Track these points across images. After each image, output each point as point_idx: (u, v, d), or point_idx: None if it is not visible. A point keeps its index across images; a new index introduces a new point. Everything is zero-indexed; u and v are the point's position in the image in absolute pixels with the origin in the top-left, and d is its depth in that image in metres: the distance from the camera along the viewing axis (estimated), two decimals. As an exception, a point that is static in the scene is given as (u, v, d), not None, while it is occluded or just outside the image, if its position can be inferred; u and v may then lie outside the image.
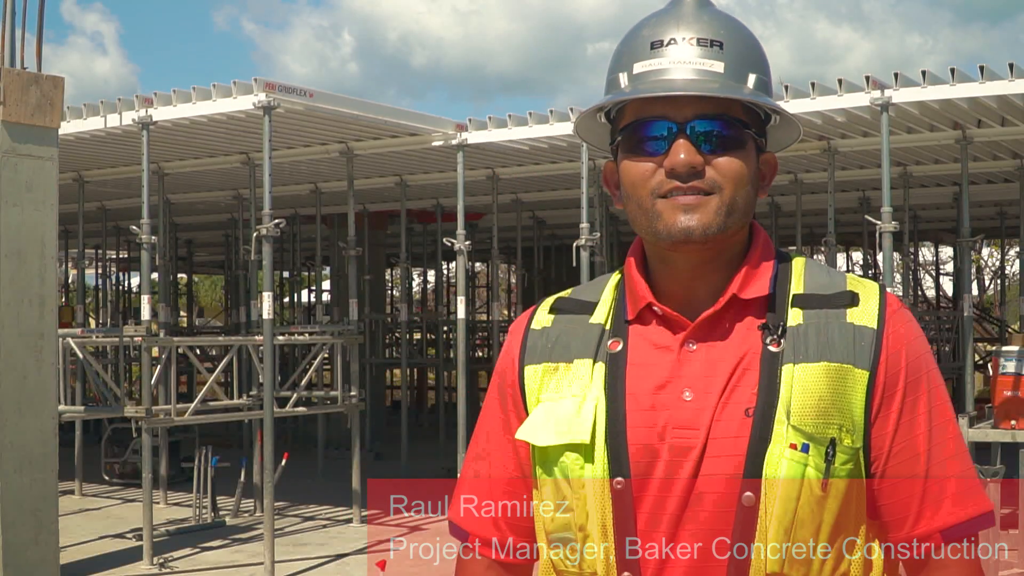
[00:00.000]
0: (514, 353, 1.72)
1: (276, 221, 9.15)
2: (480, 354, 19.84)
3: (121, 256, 21.11)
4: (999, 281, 22.15)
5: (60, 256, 17.52)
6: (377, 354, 17.58)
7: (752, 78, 1.61)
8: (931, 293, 23.47)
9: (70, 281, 21.23)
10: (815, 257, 22.85)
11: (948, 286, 22.26)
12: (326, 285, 20.52)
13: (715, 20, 1.62)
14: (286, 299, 21.84)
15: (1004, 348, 9.62)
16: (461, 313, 11.00)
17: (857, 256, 22.51)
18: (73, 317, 14.03)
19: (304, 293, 23.55)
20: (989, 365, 10.04)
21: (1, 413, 7.32)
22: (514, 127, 10.64)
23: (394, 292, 22.75)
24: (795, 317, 1.59)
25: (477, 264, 22.90)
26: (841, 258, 21.24)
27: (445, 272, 22.11)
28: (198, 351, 12.22)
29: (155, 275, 11.56)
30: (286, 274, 20.80)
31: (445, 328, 18.70)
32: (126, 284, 23.77)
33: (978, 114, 9.72)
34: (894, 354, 1.58)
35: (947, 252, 21.63)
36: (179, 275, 22.59)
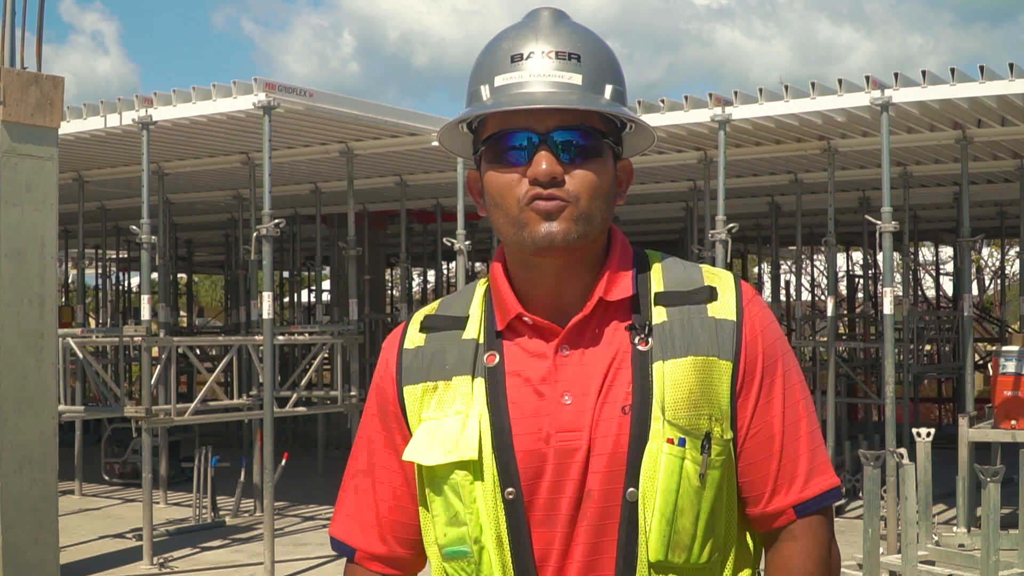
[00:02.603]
0: (391, 372, 1.76)
1: (276, 221, 9.15)
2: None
3: (121, 256, 21.10)
4: (999, 281, 22.15)
5: (60, 256, 17.52)
6: (377, 354, 17.55)
7: (609, 89, 1.68)
8: (931, 293, 23.47)
9: (70, 281, 21.24)
10: (815, 257, 22.92)
11: (948, 286, 22.25)
12: (326, 285, 20.51)
13: (572, 34, 1.68)
14: (286, 299, 21.83)
15: (1004, 348, 9.63)
16: (461, 313, 10.98)
17: (857, 256, 22.52)
18: (73, 317, 14.03)
19: (304, 293, 23.54)
20: (989, 365, 10.04)
21: (1, 413, 7.32)
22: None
23: (394, 292, 22.75)
24: (659, 315, 1.67)
25: (477, 264, 22.90)
26: (841, 258, 21.24)
27: (445, 272, 22.12)
28: (198, 351, 12.22)
29: (155, 275, 11.56)
30: (286, 274, 20.80)
31: (445, 328, 18.65)
32: (126, 284, 23.76)
33: (978, 114, 9.72)
34: (751, 342, 1.67)
35: (947, 252, 21.62)
36: (179, 275, 22.59)
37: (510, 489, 1.61)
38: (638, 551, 1.59)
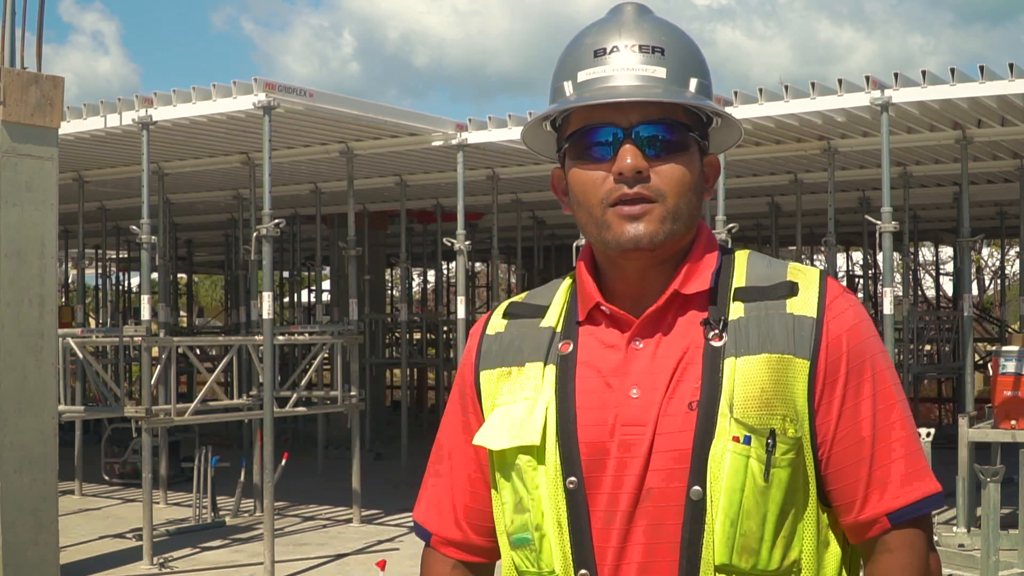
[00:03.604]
0: (472, 356, 1.76)
1: (276, 221, 9.15)
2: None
3: (121, 256, 21.11)
4: (999, 281, 22.15)
5: (60, 256, 17.52)
6: (377, 354, 17.57)
7: (694, 82, 1.65)
8: (931, 293, 23.48)
9: (70, 281, 21.24)
10: (815, 257, 22.93)
11: (948, 286, 22.26)
12: (326, 285, 20.52)
13: (656, 27, 1.66)
14: (286, 299, 21.84)
15: (1004, 348, 9.63)
16: (461, 313, 11.00)
17: (857, 256, 22.52)
18: (73, 317, 14.03)
19: (304, 293, 23.55)
20: (989, 365, 10.04)
21: (1, 413, 7.32)
22: (514, 127, 10.63)
23: (394, 292, 22.75)
24: (736, 310, 1.62)
25: (477, 264, 22.90)
26: (841, 258, 21.24)
27: (445, 272, 22.12)
28: (198, 351, 12.22)
29: (155, 275, 11.56)
30: (286, 274, 20.81)
31: (445, 328, 18.70)
32: (126, 284, 23.78)
33: (978, 114, 9.72)
34: (835, 341, 1.60)
35: (947, 252, 21.63)
36: (179, 275, 22.60)
37: (572, 478, 1.60)
38: (702, 552, 1.55)
